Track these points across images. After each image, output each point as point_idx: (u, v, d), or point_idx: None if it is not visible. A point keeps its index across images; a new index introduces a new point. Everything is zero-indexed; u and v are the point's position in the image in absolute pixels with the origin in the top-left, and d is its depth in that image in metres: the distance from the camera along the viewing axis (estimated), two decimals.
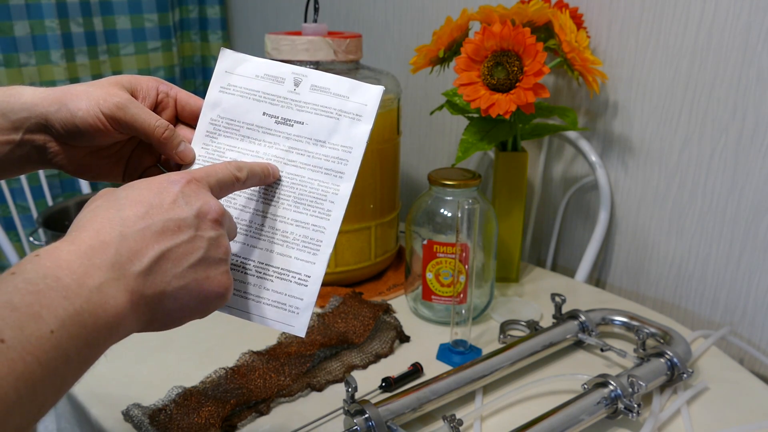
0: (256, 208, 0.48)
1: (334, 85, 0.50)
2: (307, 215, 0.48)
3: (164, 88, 0.51)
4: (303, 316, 0.46)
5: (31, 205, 1.46)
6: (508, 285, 0.96)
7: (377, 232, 0.94)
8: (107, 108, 0.46)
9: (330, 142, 0.49)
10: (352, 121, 0.49)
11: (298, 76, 0.50)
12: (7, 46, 1.45)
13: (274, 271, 0.47)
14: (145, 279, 0.37)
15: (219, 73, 0.51)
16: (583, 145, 1.01)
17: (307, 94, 0.50)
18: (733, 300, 0.91)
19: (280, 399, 0.68)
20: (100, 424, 0.65)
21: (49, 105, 0.46)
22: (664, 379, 0.67)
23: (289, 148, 0.49)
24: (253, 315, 0.47)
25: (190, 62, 1.83)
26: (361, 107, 0.49)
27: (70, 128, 0.46)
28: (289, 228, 0.48)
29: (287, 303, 0.47)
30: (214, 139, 0.50)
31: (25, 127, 0.46)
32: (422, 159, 1.31)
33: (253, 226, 0.48)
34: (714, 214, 0.90)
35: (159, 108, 0.51)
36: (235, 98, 0.51)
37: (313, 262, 0.47)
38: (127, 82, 0.49)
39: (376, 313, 0.80)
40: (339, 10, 1.40)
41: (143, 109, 0.47)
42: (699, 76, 0.88)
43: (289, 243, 0.47)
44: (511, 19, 0.82)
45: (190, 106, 0.51)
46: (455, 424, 0.58)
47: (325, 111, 0.49)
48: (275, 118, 0.50)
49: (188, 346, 0.78)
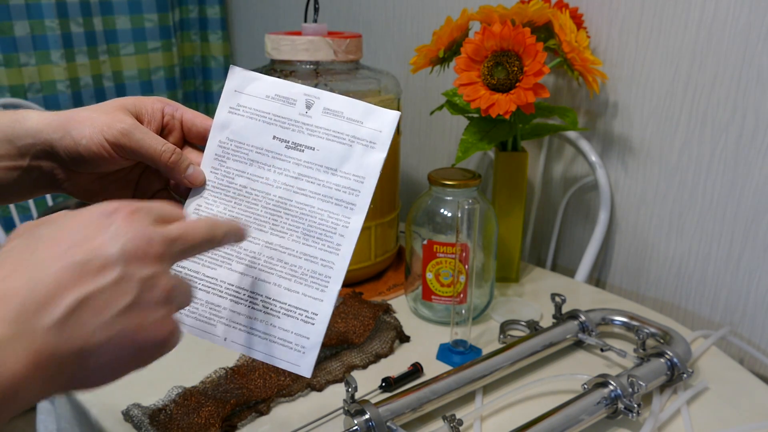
0: (264, 239, 0.47)
1: (347, 109, 0.47)
2: (315, 248, 0.46)
3: (169, 110, 0.49)
4: (309, 355, 0.44)
5: (31, 205, 1.46)
6: (508, 285, 0.96)
7: (377, 232, 0.94)
8: (111, 135, 0.44)
9: (341, 170, 0.47)
10: (365, 148, 0.47)
11: (310, 98, 0.48)
12: (7, 46, 1.45)
13: (281, 307, 0.46)
14: (59, 333, 0.30)
15: (228, 92, 0.49)
16: (583, 145, 1.01)
17: (320, 117, 0.48)
18: (733, 300, 0.91)
19: (280, 399, 0.68)
20: (100, 424, 0.65)
21: (53, 132, 0.45)
22: (664, 379, 0.67)
23: (298, 175, 0.47)
24: (257, 352, 0.45)
25: (190, 62, 1.83)
26: (376, 134, 0.47)
27: (74, 156, 0.45)
28: (297, 262, 0.46)
29: (293, 341, 0.45)
30: (223, 162, 0.48)
31: (31, 154, 0.45)
32: (422, 159, 1.31)
33: (261, 258, 0.46)
34: (714, 214, 0.90)
35: (165, 131, 0.49)
36: (245, 120, 0.49)
37: (321, 299, 0.45)
38: (131, 105, 0.47)
39: (376, 313, 0.80)
40: (339, 10, 1.40)
41: (148, 134, 0.46)
42: (699, 76, 0.88)
43: (297, 278, 0.46)
44: (511, 19, 0.82)
45: (197, 127, 0.49)
46: (455, 424, 0.58)
47: (337, 137, 0.47)
48: (285, 143, 0.48)
49: (188, 346, 0.78)
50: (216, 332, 0.46)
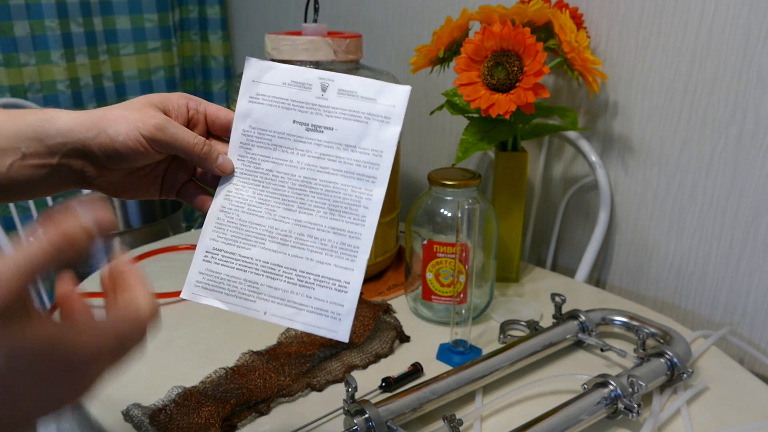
0: (293, 218, 0.49)
1: (361, 88, 0.50)
2: (342, 222, 0.49)
3: (194, 105, 0.51)
4: (345, 322, 0.47)
5: (31, 205, 1.46)
6: (508, 285, 0.96)
7: (377, 232, 0.94)
8: (146, 130, 0.46)
9: (360, 146, 0.49)
10: (381, 124, 0.49)
11: (324, 81, 0.50)
12: (7, 46, 1.45)
13: (315, 278, 0.48)
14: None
15: (246, 82, 0.52)
16: (583, 145, 1.01)
17: (335, 99, 0.50)
18: (733, 300, 0.91)
19: (280, 399, 0.68)
20: (100, 424, 0.65)
21: (86, 131, 0.46)
22: (664, 379, 0.67)
23: (320, 154, 0.50)
24: (296, 322, 0.48)
25: (190, 62, 1.83)
26: (389, 109, 0.49)
27: (110, 153, 0.47)
28: (326, 236, 0.49)
29: (329, 310, 0.47)
30: (249, 150, 0.51)
31: (61, 153, 0.46)
32: (422, 159, 1.31)
33: (292, 235, 0.49)
34: (714, 214, 0.90)
35: (191, 124, 0.51)
36: (265, 108, 0.51)
37: (352, 269, 0.48)
38: (159, 102, 0.49)
39: (376, 313, 0.80)
40: (339, 10, 1.40)
41: (180, 128, 0.48)
42: (699, 76, 0.88)
43: (327, 251, 0.48)
44: (511, 19, 0.82)
45: (220, 119, 0.52)
46: (455, 424, 0.58)
47: (353, 115, 0.50)
48: (306, 126, 0.50)
49: (188, 346, 0.78)
50: (256, 307, 0.49)
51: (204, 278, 0.50)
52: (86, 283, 0.94)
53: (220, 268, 0.50)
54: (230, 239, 0.50)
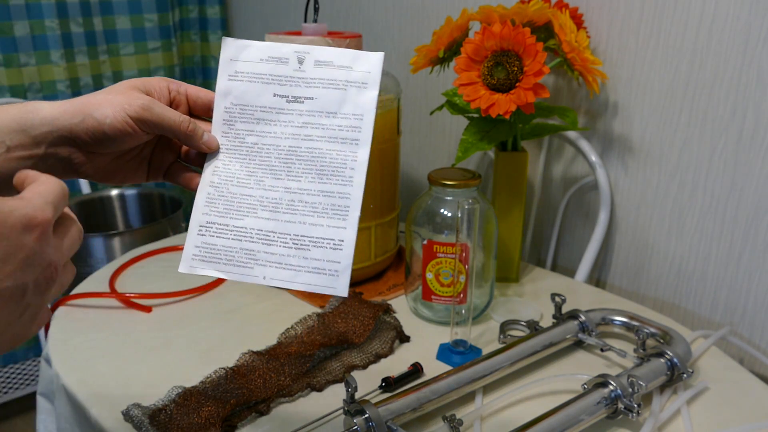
0: (283, 186, 0.51)
1: (336, 58, 0.51)
2: (331, 184, 0.50)
3: (174, 87, 0.52)
4: (342, 277, 0.49)
5: None
6: (508, 285, 0.96)
7: (377, 232, 0.94)
8: (133, 111, 0.47)
9: (341, 112, 0.51)
10: (359, 89, 0.51)
11: (300, 54, 0.52)
12: (7, 46, 1.45)
13: (309, 240, 0.50)
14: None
15: (224, 61, 0.53)
16: (583, 145, 1.01)
17: (312, 69, 0.52)
18: (733, 300, 0.91)
19: (280, 399, 0.68)
20: (100, 424, 0.65)
21: (71, 117, 0.47)
22: (664, 379, 0.67)
23: (303, 123, 0.51)
24: (296, 283, 0.49)
25: (190, 62, 1.83)
26: (366, 75, 0.51)
27: (98, 136, 0.47)
28: (316, 199, 0.50)
29: (326, 268, 0.49)
30: (232, 126, 0.52)
31: (47, 142, 0.47)
32: (422, 159, 1.31)
33: (283, 202, 0.51)
34: (714, 214, 0.90)
35: (173, 105, 0.52)
36: (245, 84, 0.52)
37: (344, 227, 0.49)
38: (141, 85, 0.50)
39: (376, 313, 0.80)
40: (339, 10, 1.40)
41: (165, 108, 0.49)
42: (699, 76, 0.88)
43: (319, 213, 0.50)
44: (511, 19, 0.82)
45: (201, 99, 0.53)
46: (455, 424, 0.58)
47: (332, 84, 0.51)
48: (286, 98, 0.52)
49: (188, 346, 0.78)
50: (255, 273, 0.50)
51: (200, 251, 0.51)
52: (85, 284, 0.94)
53: (215, 240, 0.51)
54: (222, 212, 0.51)
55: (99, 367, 0.74)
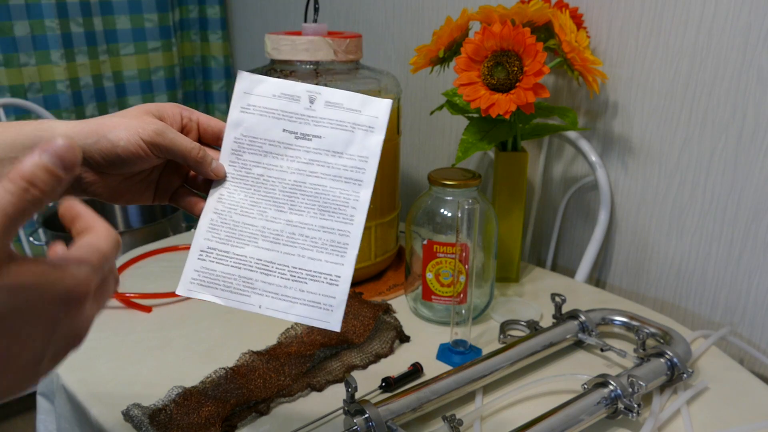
0: (284, 218, 0.52)
1: (346, 101, 0.53)
2: (332, 221, 0.51)
3: (187, 113, 0.53)
4: (336, 312, 0.50)
5: None
6: (508, 285, 0.96)
7: (377, 232, 0.94)
8: (147, 135, 0.48)
9: (347, 153, 0.52)
10: (365, 132, 0.53)
11: (312, 93, 0.53)
12: (7, 46, 1.45)
13: (307, 273, 0.51)
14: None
15: (238, 94, 0.54)
16: (583, 145, 1.01)
17: (322, 110, 0.53)
18: (733, 300, 0.91)
19: (280, 399, 0.68)
20: (100, 424, 0.65)
21: (85, 137, 0.48)
22: (664, 379, 0.67)
23: (309, 160, 0.53)
24: (291, 315, 0.50)
25: (190, 62, 1.83)
26: (373, 119, 0.53)
27: (111, 157, 0.48)
28: (317, 234, 0.51)
29: (321, 302, 0.50)
30: (240, 156, 0.54)
31: None
32: (422, 159, 1.31)
33: (284, 234, 0.52)
34: (714, 214, 0.90)
35: (184, 132, 0.53)
36: (256, 117, 0.54)
37: (342, 264, 0.51)
38: (155, 110, 0.51)
39: (376, 313, 0.80)
40: (339, 10, 1.40)
41: (178, 134, 0.50)
42: (699, 76, 0.88)
43: (318, 248, 0.51)
44: (511, 19, 0.82)
45: (212, 127, 0.54)
46: (455, 424, 0.58)
47: (340, 125, 0.53)
48: (294, 134, 0.53)
49: (188, 346, 0.78)
50: (251, 302, 0.51)
51: (199, 275, 0.52)
52: None
53: (215, 265, 0.52)
54: (224, 239, 0.52)
55: (99, 367, 0.74)
